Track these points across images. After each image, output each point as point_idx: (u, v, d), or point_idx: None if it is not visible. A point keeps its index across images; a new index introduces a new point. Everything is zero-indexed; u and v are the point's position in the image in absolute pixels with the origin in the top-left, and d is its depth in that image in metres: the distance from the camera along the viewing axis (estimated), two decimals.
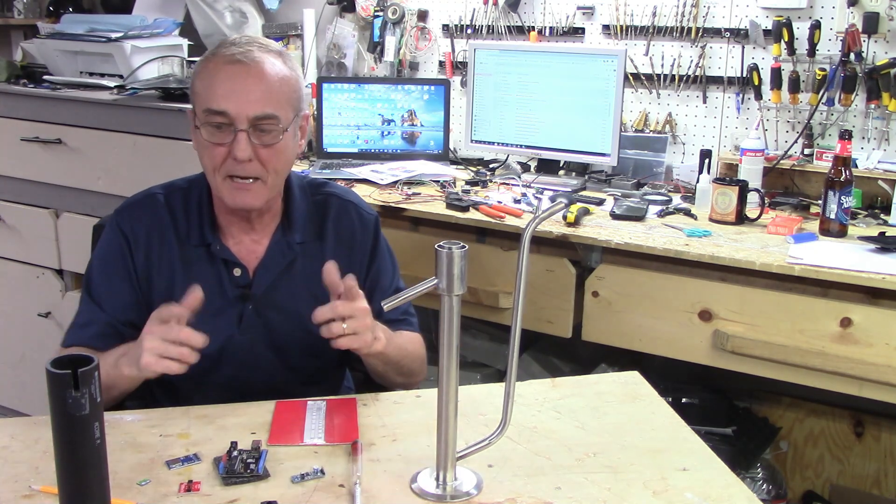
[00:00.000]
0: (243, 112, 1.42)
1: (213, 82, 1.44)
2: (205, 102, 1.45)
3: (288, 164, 1.53)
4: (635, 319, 2.16)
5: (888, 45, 2.40)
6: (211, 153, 1.46)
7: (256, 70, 1.44)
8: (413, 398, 1.46)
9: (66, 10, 3.44)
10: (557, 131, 2.66)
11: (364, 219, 1.64)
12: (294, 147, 1.53)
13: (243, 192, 1.47)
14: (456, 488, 1.16)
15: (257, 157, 1.45)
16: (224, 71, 1.44)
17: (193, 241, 1.54)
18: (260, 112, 1.43)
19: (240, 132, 1.43)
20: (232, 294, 1.54)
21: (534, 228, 1.12)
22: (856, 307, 1.93)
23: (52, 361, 0.96)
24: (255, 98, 1.43)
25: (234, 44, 1.47)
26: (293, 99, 1.49)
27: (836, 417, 2.55)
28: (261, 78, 1.44)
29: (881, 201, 2.37)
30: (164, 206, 1.57)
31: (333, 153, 2.91)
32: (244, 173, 1.45)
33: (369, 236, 1.64)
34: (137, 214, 1.57)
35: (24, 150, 2.89)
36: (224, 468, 1.18)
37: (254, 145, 1.44)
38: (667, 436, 1.34)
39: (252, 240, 1.56)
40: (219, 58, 1.45)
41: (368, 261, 1.63)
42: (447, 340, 1.13)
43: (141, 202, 1.59)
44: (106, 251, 1.57)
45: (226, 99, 1.42)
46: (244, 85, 1.43)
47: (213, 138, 1.45)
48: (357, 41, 3.17)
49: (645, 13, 2.71)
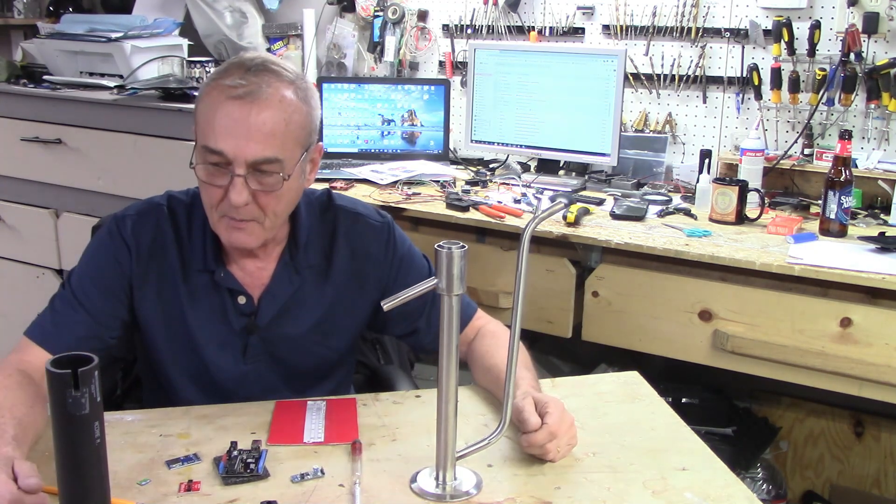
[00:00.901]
0: (242, 155, 1.29)
1: (214, 117, 1.30)
2: (203, 138, 1.32)
3: (291, 204, 1.41)
4: (635, 319, 2.16)
5: (888, 45, 2.40)
6: (207, 192, 1.35)
7: (260, 108, 1.29)
8: (413, 398, 1.46)
9: (66, 10, 3.44)
10: (557, 131, 2.66)
11: (376, 228, 1.53)
12: (300, 186, 1.41)
13: (238, 233, 1.36)
14: (456, 488, 1.16)
15: (256, 200, 1.33)
16: (225, 107, 1.29)
17: (197, 266, 1.44)
18: (260, 156, 1.30)
19: (236, 177, 1.30)
20: (237, 325, 1.45)
21: (534, 228, 1.12)
22: (856, 307, 1.93)
23: (51, 361, 0.96)
24: (257, 140, 1.29)
25: (243, 70, 1.32)
26: (302, 136, 1.36)
27: (836, 417, 2.55)
28: (266, 119, 1.29)
29: (881, 201, 2.37)
30: (168, 221, 1.45)
31: (333, 153, 2.91)
32: (240, 216, 1.34)
33: (383, 244, 1.52)
34: (142, 224, 1.45)
35: (24, 150, 2.89)
36: (224, 468, 1.18)
37: (252, 190, 1.32)
38: (667, 436, 1.34)
39: (257, 266, 1.46)
40: (222, 89, 1.30)
41: (395, 269, 1.52)
42: (447, 340, 1.13)
43: (147, 212, 1.46)
44: (100, 258, 1.45)
45: (223, 139, 1.29)
46: (245, 125, 1.29)
47: (209, 179, 1.33)
48: (357, 41, 3.17)
49: (645, 13, 2.71)
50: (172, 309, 1.45)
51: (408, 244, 1.57)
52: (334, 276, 1.49)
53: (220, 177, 1.32)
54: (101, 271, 1.43)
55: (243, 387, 1.48)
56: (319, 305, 1.49)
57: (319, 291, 1.48)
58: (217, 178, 1.32)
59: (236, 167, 1.30)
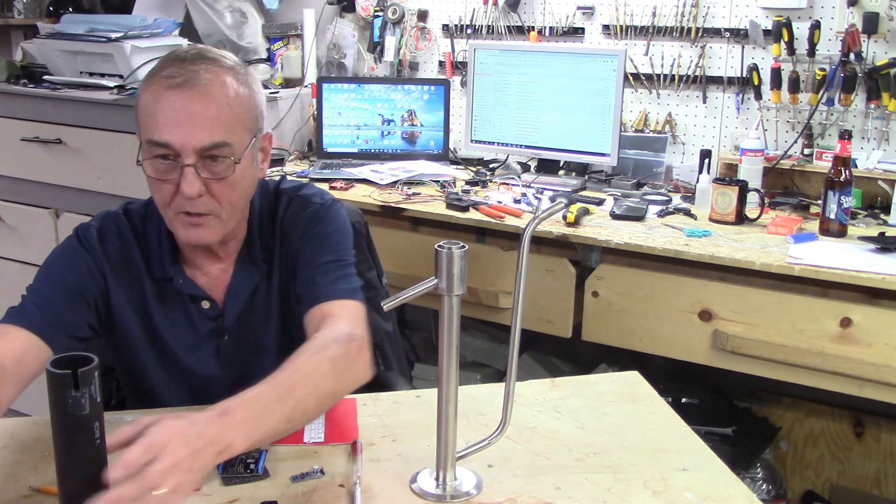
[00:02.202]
0: (189, 143, 1.26)
1: (155, 110, 1.26)
2: (146, 133, 1.28)
3: (246, 194, 1.37)
4: (635, 319, 2.16)
5: (888, 45, 2.40)
6: (158, 189, 1.30)
7: (202, 95, 1.26)
8: (413, 398, 1.45)
9: (66, 10, 3.44)
10: (557, 131, 2.66)
11: (311, 206, 1.44)
12: (253, 174, 1.37)
13: (196, 229, 1.32)
14: (456, 488, 1.16)
15: (209, 191, 1.29)
16: (164, 98, 1.26)
17: (157, 275, 1.41)
18: (208, 142, 1.26)
19: (186, 167, 1.26)
20: (204, 329, 1.42)
21: (534, 228, 1.12)
22: (856, 307, 1.93)
23: (51, 361, 0.96)
24: (202, 126, 1.26)
25: (180, 60, 1.29)
26: (248, 120, 1.32)
27: (836, 417, 2.54)
28: (208, 103, 1.26)
29: (881, 201, 2.37)
30: (128, 228, 1.42)
31: (333, 153, 2.91)
32: (195, 209, 1.29)
33: (308, 219, 1.43)
34: (106, 232, 1.41)
35: (24, 150, 2.89)
36: (224, 468, 1.18)
37: (204, 179, 1.28)
38: (667, 436, 1.34)
39: (220, 268, 1.43)
40: (159, 81, 1.27)
41: (302, 242, 1.42)
42: (447, 340, 1.13)
43: (107, 220, 1.42)
44: (62, 266, 1.37)
45: (168, 129, 1.25)
46: (188, 113, 1.25)
47: (158, 174, 1.29)
48: (357, 41, 3.17)
49: (645, 13, 2.71)
50: (145, 315, 1.42)
51: (332, 229, 1.43)
52: (276, 262, 1.44)
53: (170, 171, 1.28)
54: (66, 279, 1.36)
55: (225, 389, 1.31)
56: (276, 296, 1.45)
57: (271, 281, 1.44)
58: (166, 172, 1.29)
59: (184, 157, 1.26)
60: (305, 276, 1.39)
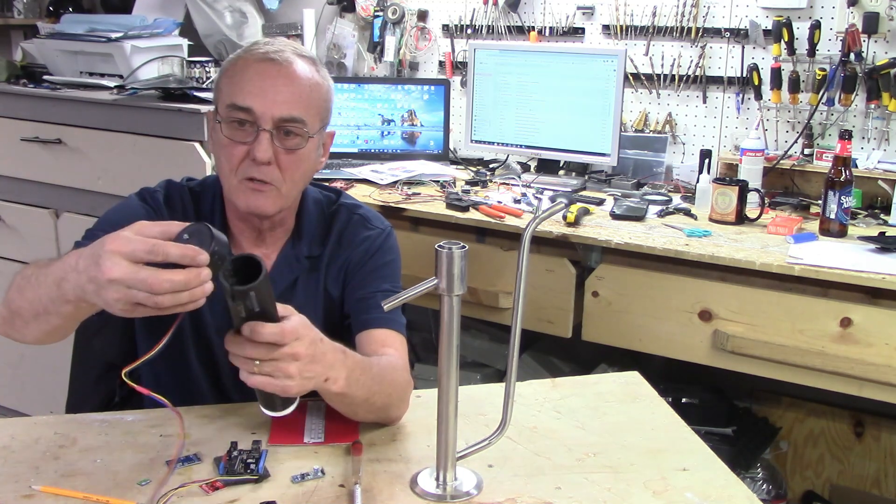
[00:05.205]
0: (269, 112, 1.35)
1: (242, 79, 1.36)
2: (229, 97, 1.37)
3: (306, 175, 1.45)
4: (635, 319, 2.16)
5: (888, 45, 2.40)
6: (229, 152, 1.38)
7: (288, 70, 1.37)
8: (413, 398, 1.45)
9: (66, 10, 3.44)
10: (557, 131, 2.66)
11: (370, 230, 1.54)
12: (315, 160, 1.45)
13: (257, 195, 1.38)
14: (456, 488, 1.16)
15: (277, 161, 1.37)
16: (253, 68, 1.37)
17: None
18: (286, 114, 1.35)
19: (262, 132, 1.35)
20: None
21: (534, 228, 1.12)
22: (856, 307, 1.93)
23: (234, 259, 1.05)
24: (284, 98, 1.35)
25: (267, 43, 1.41)
26: (322, 109, 1.42)
27: (836, 417, 2.55)
28: (292, 79, 1.37)
29: (881, 201, 2.37)
30: (190, 202, 1.48)
31: (333, 153, 2.88)
32: (261, 176, 1.37)
33: (367, 248, 1.52)
34: (171, 199, 1.47)
35: (24, 150, 2.89)
36: (224, 468, 1.18)
37: (275, 148, 1.36)
38: (667, 436, 1.34)
39: (262, 253, 1.48)
40: (249, 55, 1.39)
41: (361, 273, 1.51)
42: (447, 340, 1.13)
43: (173, 189, 1.49)
44: (128, 215, 1.38)
45: (252, 96, 1.35)
46: (273, 83, 1.36)
47: (233, 136, 1.37)
48: (357, 41, 3.17)
49: (645, 13, 2.71)
50: None
51: (390, 259, 1.54)
52: (322, 269, 1.51)
53: (245, 134, 1.36)
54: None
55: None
56: (313, 296, 1.50)
57: (313, 281, 1.50)
58: (241, 135, 1.36)
59: (262, 122, 1.35)
60: (361, 296, 1.48)
